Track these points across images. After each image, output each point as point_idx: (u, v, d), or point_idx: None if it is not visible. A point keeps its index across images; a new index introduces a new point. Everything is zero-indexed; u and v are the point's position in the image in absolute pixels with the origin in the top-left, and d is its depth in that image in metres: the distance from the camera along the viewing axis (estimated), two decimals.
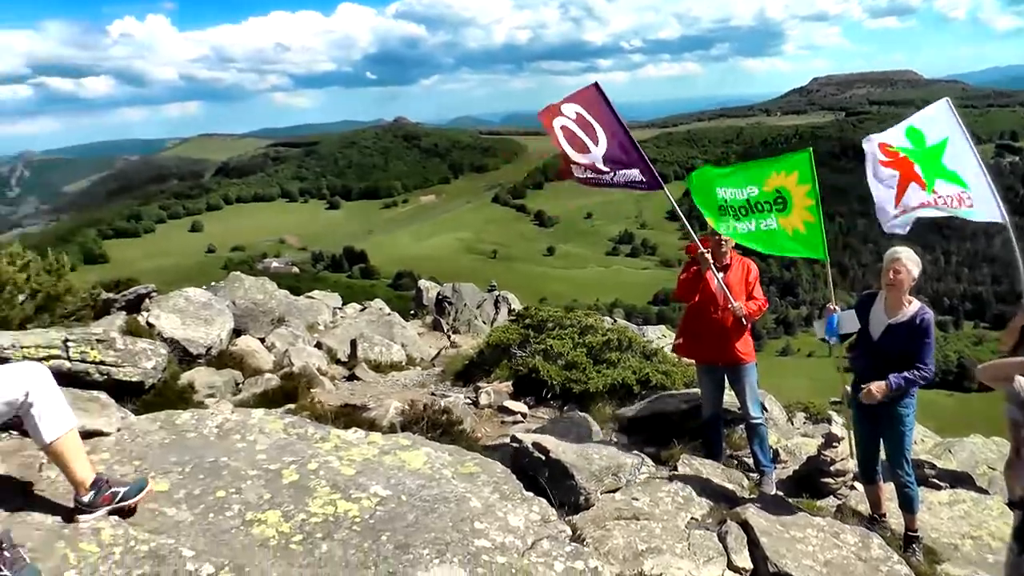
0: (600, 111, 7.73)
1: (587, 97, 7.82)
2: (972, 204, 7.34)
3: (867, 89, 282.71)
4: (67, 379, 6.22)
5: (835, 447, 7.94)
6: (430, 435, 6.85)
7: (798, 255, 7.69)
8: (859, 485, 7.68)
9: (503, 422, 9.57)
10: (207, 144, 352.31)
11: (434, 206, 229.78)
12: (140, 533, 4.09)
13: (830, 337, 6.86)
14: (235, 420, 5.57)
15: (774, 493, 7.50)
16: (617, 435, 9.06)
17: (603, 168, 7.79)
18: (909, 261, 6.32)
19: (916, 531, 6.81)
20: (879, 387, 6.25)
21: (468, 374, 11.94)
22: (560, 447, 6.73)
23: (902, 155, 7.45)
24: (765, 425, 7.93)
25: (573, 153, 7.90)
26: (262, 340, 12.93)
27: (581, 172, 7.98)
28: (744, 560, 5.87)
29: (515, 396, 10.52)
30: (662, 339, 15.48)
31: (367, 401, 9.39)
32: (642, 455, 7.65)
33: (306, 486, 4.64)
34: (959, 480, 8.95)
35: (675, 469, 7.59)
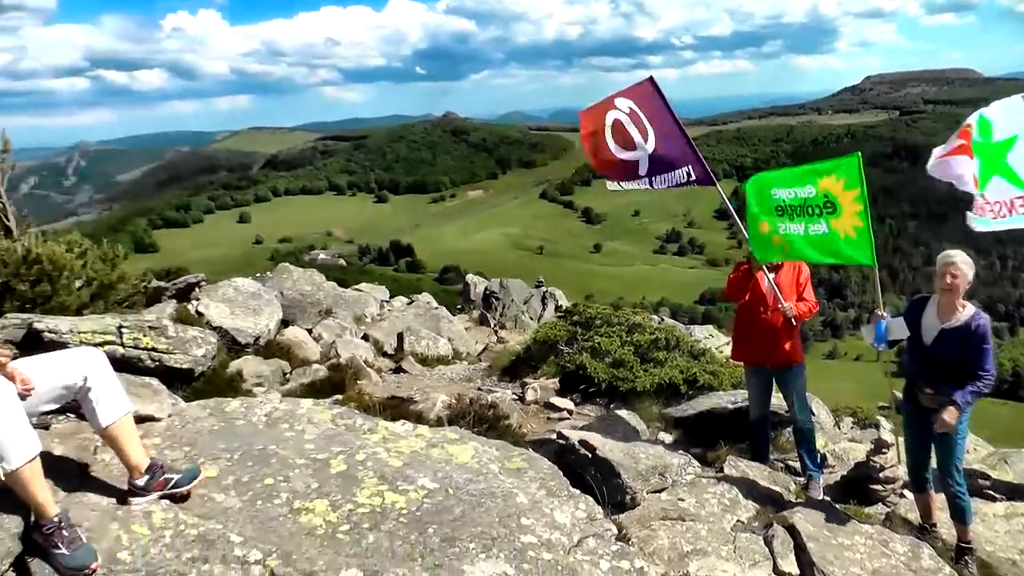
0: (653, 107, 7.66)
1: (641, 92, 7.76)
2: None
3: (922, 88, 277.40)
4: (120, 365, 6.30)
5: (884, 453, 7.75)
6: (476, 429, 6.84)
7: (845, 262, 7.50)
8: (909, 493, 7.47)
9: (549, 418, 9.56)
10: (256, 137, 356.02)
11: (481, 201, 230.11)
12: (189, 517, 4.14)
13: (878, 344, 6.71)
14: (284, 409, 5.62)
15: (821, 498, 7.34)
16: (663, 435, 9.00)
17: (642, 172, 7.74)
18: (964, 264, 6.14)
19: (969, 543, 6.59)
20: (951, 414, 5.98)
21: (514, 370, 11.95)
22: (607, 445, 6.70)
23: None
24: (813, 429, 7.80)
25: (617, 149, 7.85)
26: (309, 331, 13.02)
27: (616, 174, 7.95)
28: (791, 565, 5.78)
29: (561, 393, 10.51)
30: (709, 339, 15.39)
31: (413, 394, 9.42)
32: (688, 455, 7.59)
33: (354, 476, 4.66)
34: (1016, 492, 8.62)
35: (721, 470, 7.52)
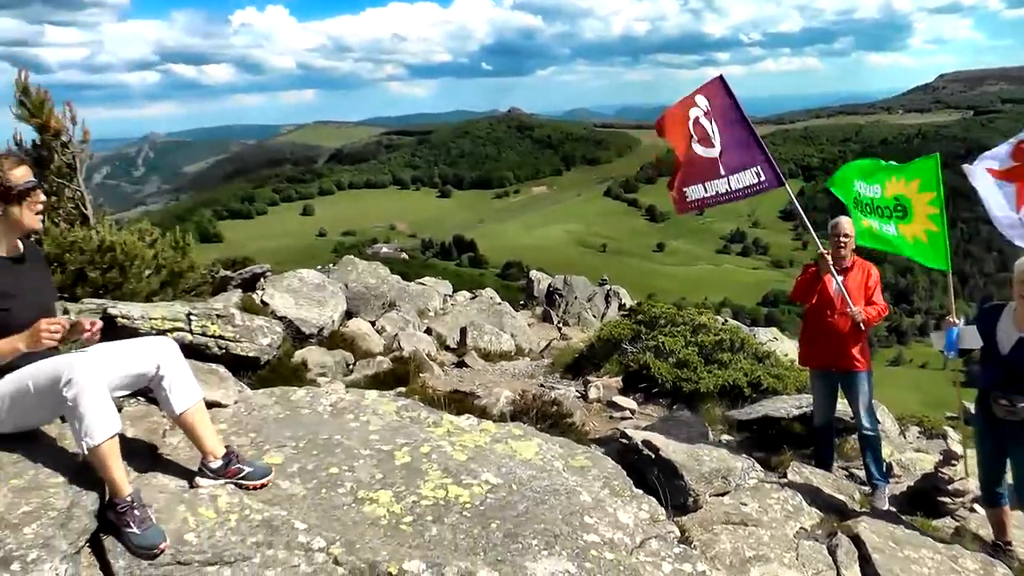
0: (723, 105, 7.57)
1: (711, 90, 7.68)
2: None
3: (1000, 86, 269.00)
4: (188, 351, 6.40)
5: (954, 465, 7.49)
6: (539, 426, 6.84)
7: (919, 262, 7.35)
8: (980, 508, 7.25)
9: (611, 417, 9.52)
10: (321, 131, 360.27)
11: (545, 197, 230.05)
12: (255, 503, 4.18)
13: (949, 352, 6.50)
14: (349, 400, 5.66)
15: (887, 508, 7.18)
16: (725, 437, 8.91)
17: (722, 172, 7.63)
18: None
19: None
20: None
21: (577, 367, 11.92)
22: (670, 446, 6.63)
23: None
24: (879, 436, 7.61)
25: (701, 148, 7.75)
26: (373, 323, 13.11)
27: (698, 175, 7.85)
28: None
29: (624, 392, 10.45)
30: (774, 341, 15.19)
31: (476, 389, 9.42)
32: (752, 459, 7.47)
33: (418, 469, 4.66)
34: None
35: (784, 476, 7.40)
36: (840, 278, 7.19)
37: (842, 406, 7.95)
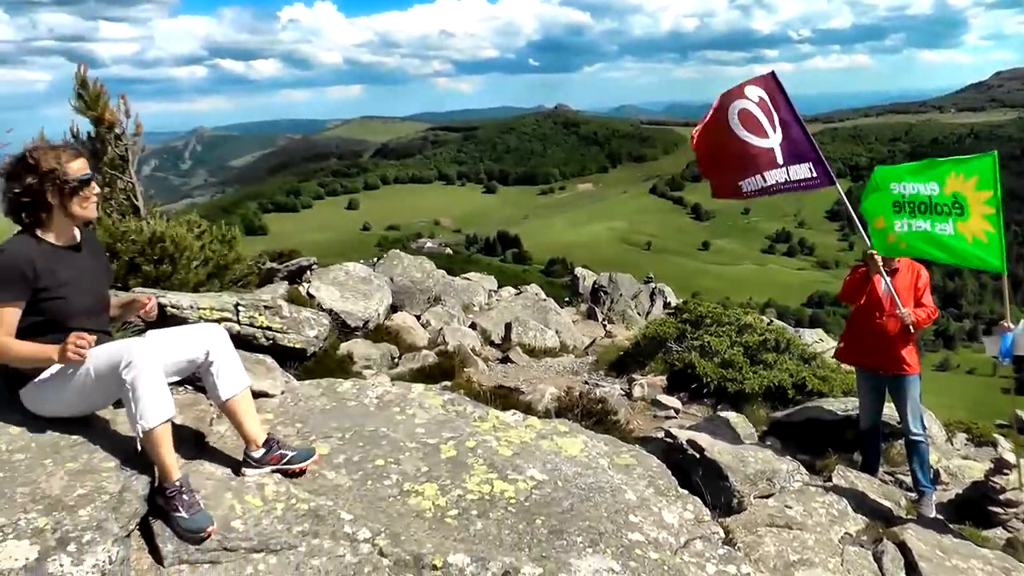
0: (776, 100, 7.49)
1: (766, 83, 7.60)
2: None
3: None
4: (236, 342, 6.47)
5: (1006, 474, 7.27)
6: (584, 423, 6.82)
7: (974, 265, 7.16)
8: None
9: (655, 416, 9.49)
10: (367, 126, 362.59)
11: (590, 194, 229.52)
12: (301, 492, 4.21)
13: (1003, 358, 6.36)
14: (395, 393, 5.66)
15: (934, 516, 7.03)
16: (770, 439, 8.84)
17: (780, 161, 7.52)
18: None
19: None
20: None
21: (622, 365, 11.88)
22: (715, 447, 6.60)
23: None
24: (926, 442, 7.44)
25: (752, 138, 7.65)
26: (417, 317, 13.18)
27: (750, 174, 7.75)
28: None
29: (669, 391, 10.41)
30: (819, 343, 15.03)
31: (520, 384, 9.44)
32: (796, 462, 7.39)
33: (464, 463, 4.66)
34: None
35: (829, 479, 7.31)
36: (889, 279, 7.09)
37: (888, 410, 7.82)
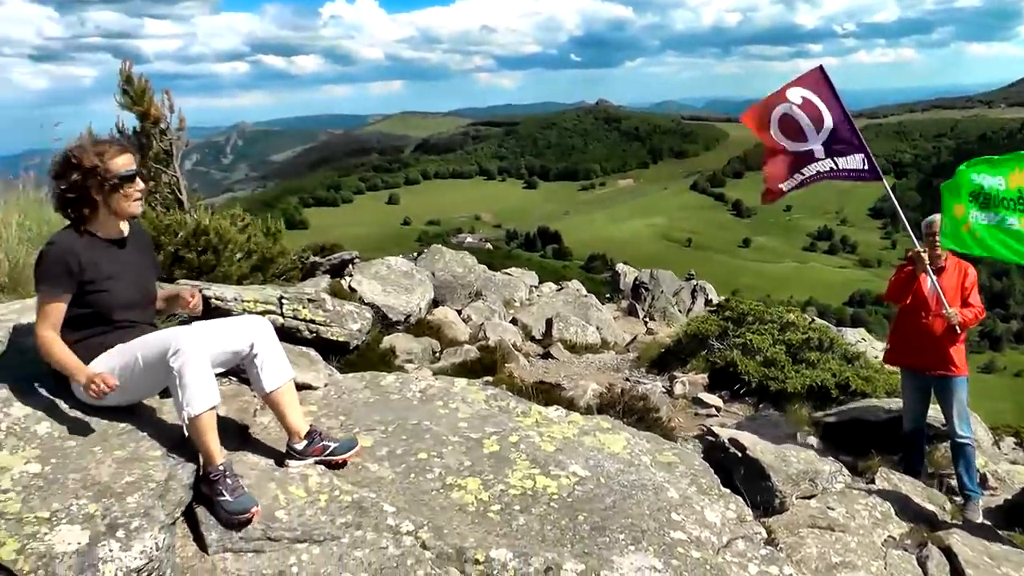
0: (825, 95, 7.40)
1: (812, 80, 7.51)
2: None
3: None
4: (280, 334, 6.54)
5: None
6: (625, 420, 6.79)
7: None
8: None
9: (696, 414, 9.45)
10: (408, 121, 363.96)
11: (631, 190, 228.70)
12: (344, 484, 4.24)
13: None
14: (438, 387, 5.67)
15: (981, 522, 6.88)
16: (811, 439, 8.75)
17: (819, 156, 7.45)
18: None
19: None
20: None
21: (663, 362, 11.84)
22: (758, 446, 6.54)
23: None
24: (973, 446, 7.27)
25: (787, 142, 7.59)
26: (459, 312, 13.21)
27: (790, 176, 7.68)
28: None
29: (710, 389, 10.36)
30: (862, 343, 14.88)
31: (561, 380, 9.44)
32: (839, 463, 7.31)
33: (506, 458, 4.67)
34: None
35: (872, 481, 7.20)
36: (935, 278, 6.98)
37: (933, 412, 7.70)
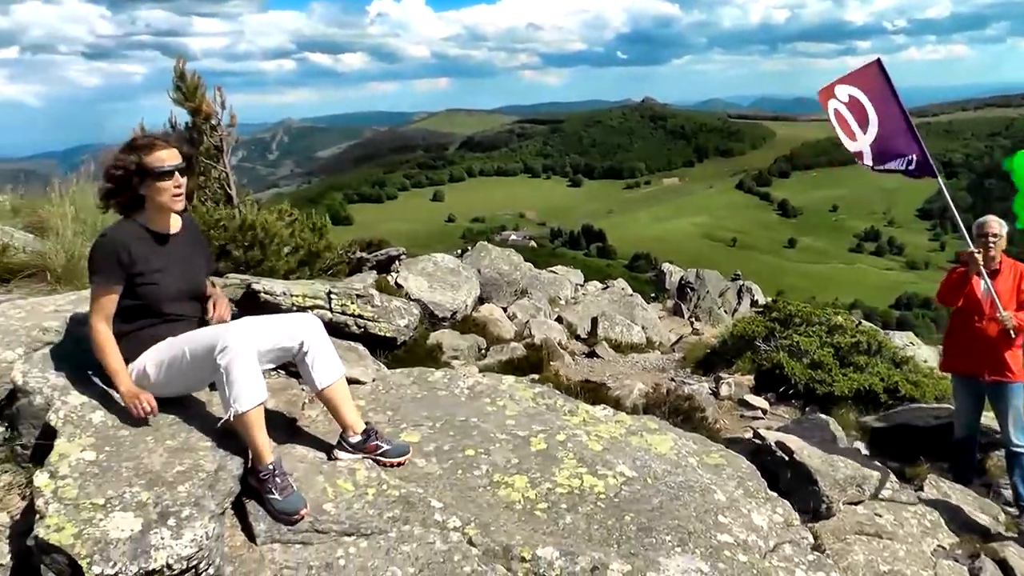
0: (879, 92, 7.23)
1: (866, 76, 7.34)
2: None
3: None
4: (327, 329, 6.58)
5: None
6: (671, 420, 6.76)
7: None
8: None
9: (742, 416, 9.37)
10: (453, 118, 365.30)
11: (676, 189, 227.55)
12: (392, 479, 4.26)
13: None
14: (486, 384, 5.68)
15: None
16: (858, 444, 8.63)
17: (866, 161, 7.32)
18: None
19: None
20: None
21: (709, 363, 11.77)
22: (804, 450, 6.46)
23: None
24: None
25: (845, 140, 7.48)
26: (504, 309, 13.22)
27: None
28: None
29: (756, 391, 10.27)
30: (911, 347, 14.68)
31: (606, 379, 9.41)
32: (887, 469, 7.19)
33: (553, 456, 4.66)
34: None
35: (920, 489, 7.04)
36: (989, 280, 6.84)
37: (985, 419, 7.54)
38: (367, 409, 5.07)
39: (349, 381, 4.90)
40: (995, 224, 6.94)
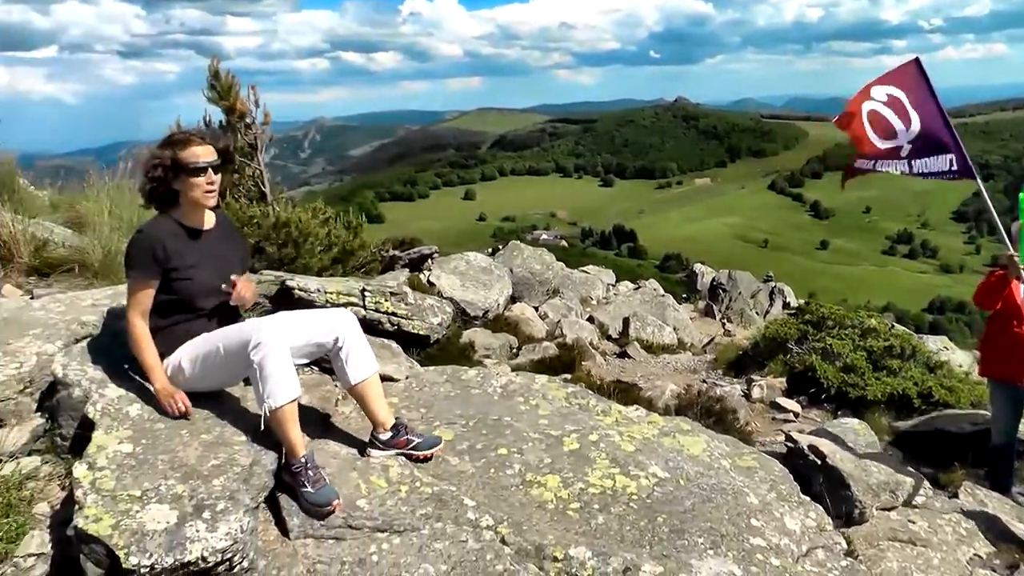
0: (918, 90, 7.15)
1: (905, 74, 7.26)
2: None
3: None
4: (361, 326, 6.61)
5: None
6: (704, 422, 6.73)
7: None
8: None
9: (774, 419, 9.30)
10: (486, 117, 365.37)
11: (708, 189, 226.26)
12: (425, 476, 4.29)
13: None
14: (519, 383, 5.69)
15: None
16: (891, 449, 8.54)
17: (903, 154, 7.22)
18: None
19: None
20: None
21: (740, 365, 11.69)
22: (837, 454, 6.40)
23: None
24: None
25: (878, 140, 7.39)
26: (536, 308, 13.21)
27: (871, 163, 7.47)
28: None
29: (788, 393, 10.19)
30: (945, 351, 14.51)
31: (638, 380, 9.39)
32: (921, 475, 7.12)
33: (586, 456, 4.67)
34: None
35: (955, 496, 6.93)
36: None
37: None
38: (400, 406, 5.10)
39: (382, 378, 4.92)
40: None
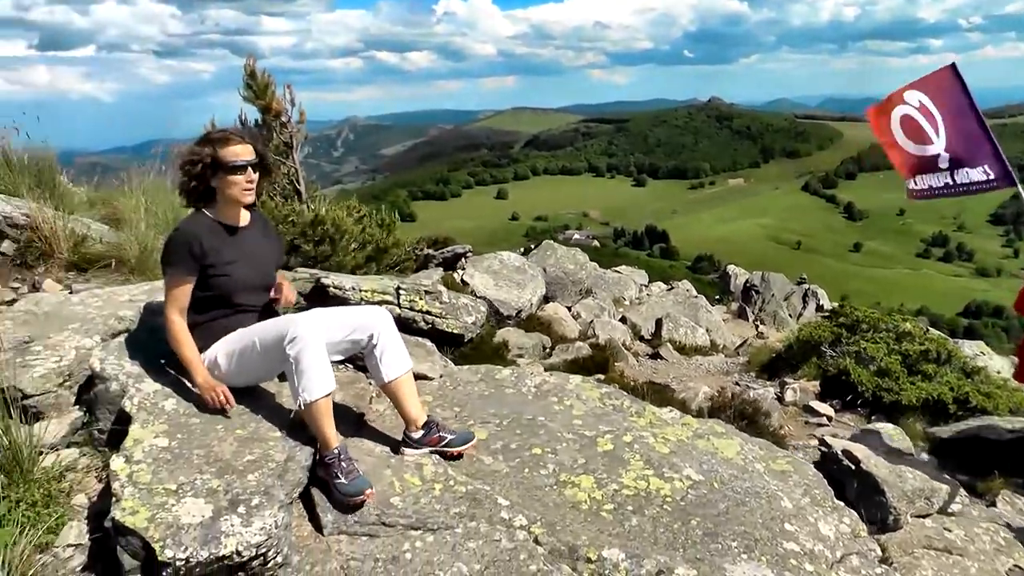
0: (951, 96, 7.05)
1: (938, 80, 7.17)
2: None
3: None
4: (396, 324, 6.64)
5: None
6: (737, 424, 6.70)
7: None
8: None
9: (807, 423, 9.23)
10: (519, 116, 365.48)
11: (741, 190, 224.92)
12: (458, 475, 4.30)
13: None
14: (553, 383, 5.69)
15: None
16: (925, 455, 8.44)
17: (943, 165, 7.14)
18: None
19: None
20: None
21: (773, 367, 11.60)
22: (872, 459, 6.34)
23: None
24: None
25: (912, 145, 7.31)
26: (569, 308, 13.19)
27: (915, 177, 7.39)
28: None
29: (821, 397, 10.11)
30: (982, 356, 14.33)
31: (670, 381, 9.35)
32: (957, 482, 7.04)
33: (620, 457, 4.66)
34: None
35: (993, 504, 6.83)
36: None
37: None
38: (434, 404, 5.12)
39: (416, 377, 4.95)
40: None
